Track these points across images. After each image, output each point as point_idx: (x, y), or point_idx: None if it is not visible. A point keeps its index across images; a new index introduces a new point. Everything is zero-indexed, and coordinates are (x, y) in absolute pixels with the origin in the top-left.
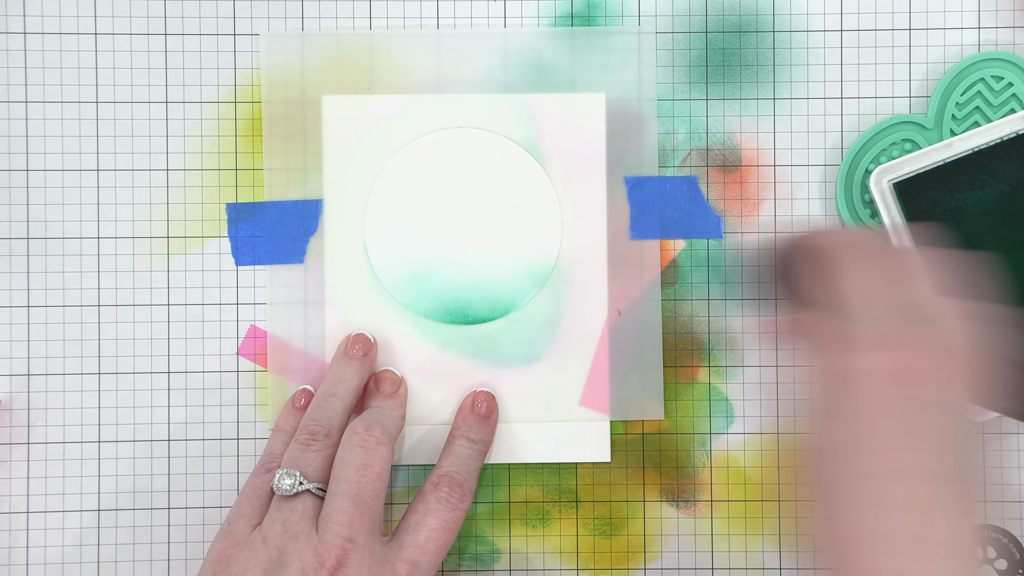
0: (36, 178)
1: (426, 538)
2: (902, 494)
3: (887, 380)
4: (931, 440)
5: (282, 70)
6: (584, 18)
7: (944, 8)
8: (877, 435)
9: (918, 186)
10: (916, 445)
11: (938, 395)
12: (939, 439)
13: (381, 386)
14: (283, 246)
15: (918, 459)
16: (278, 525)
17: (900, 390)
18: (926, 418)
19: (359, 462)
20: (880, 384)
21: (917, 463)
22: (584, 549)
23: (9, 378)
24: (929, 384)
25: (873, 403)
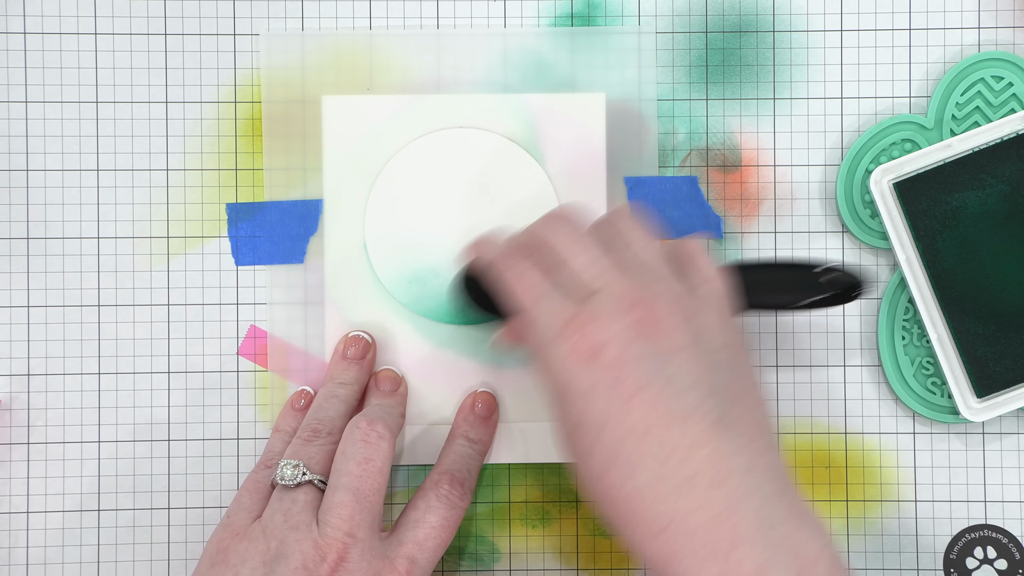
0: (36, 178)
1: (425, 535)
2: (657, 441)
3: (628, 339)
4: (678, 383)
5: (282, 70)
6: (584, 18)
7: (944, 8)
8: (625, 395)
9: (918, 186)
10: (663, 392)
11: (683, 334)
12: (689, 379)
13: (381, 384)
14: (283, 246)
15: (667, 404)
16: (279, 516)
17: (643, 345)
18: (673, 364)
19: (360, 456)
20: (622, 347)
21: (666, 408)
22: (584, 549)
23: (9, 378)
24: (670, 327)
25: (618, 365)
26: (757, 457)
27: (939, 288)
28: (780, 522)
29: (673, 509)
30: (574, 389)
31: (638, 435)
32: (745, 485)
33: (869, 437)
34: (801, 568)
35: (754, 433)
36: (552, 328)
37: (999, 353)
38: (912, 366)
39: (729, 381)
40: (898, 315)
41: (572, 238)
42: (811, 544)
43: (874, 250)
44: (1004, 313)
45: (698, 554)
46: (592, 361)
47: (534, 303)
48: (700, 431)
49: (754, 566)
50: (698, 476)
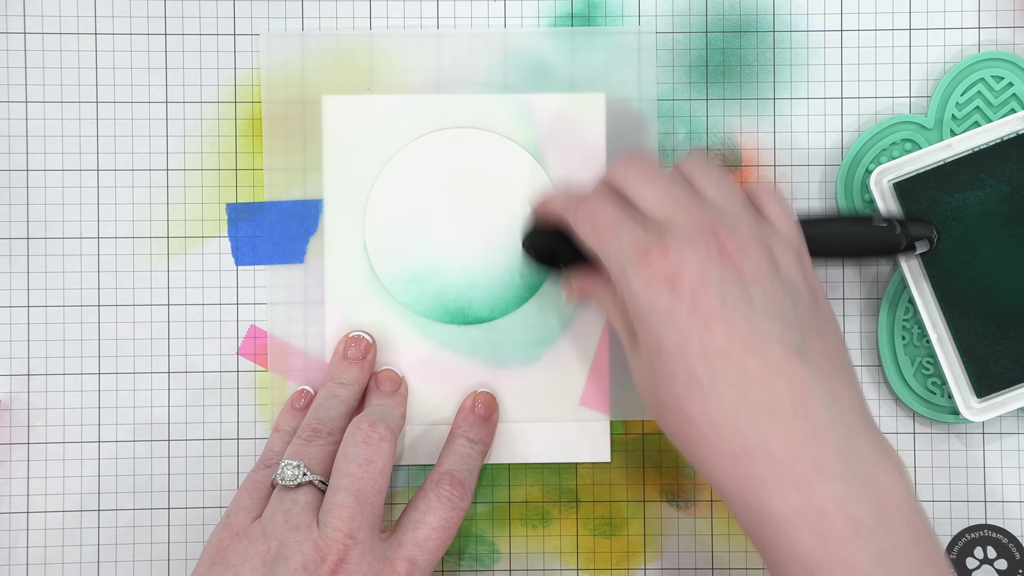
0: (36, 178)
1: (426, 536)
2: (739, 365)
3: (704, 264)
4: (759, 309)
5: (282, 70)
6: (584, 18)
7: (944, 8)
8: (706, 317)
9: (918, 186)
10: (740, 319)
11: (757, 266)
12: (769, 306)
13: (382, 385)
14: (283, 246)
15: (748, 328)
16: (279, 516)
17: (717, 271)
18: (747, 293)
19: (362, 457)
20: (699, 272)
21: (747, 332)
22: (584, 549)
23: (9, 378)
24: (745, 258)
25: (699, 289)
26: (839, 389)
27: (939, 288)
28: (862, 456)
29: (753, 436)
30: (655, 313)
31: (720, 357)
32: (828, 416)
33: None
34: (881, 505)
35: (835, 366)
36: (630, 256)
37: (999, 353)
38: (912, 366)
39: (808, 314)
40: (898, 315)
41: (649, 174)
42: (891, 482)
43: None
44: (1004, 313)
45: (779, 481)
46: (672, 285)
47: (611, 236)
48: (782, 358)
49: (835, 498)
50: (779, 404)
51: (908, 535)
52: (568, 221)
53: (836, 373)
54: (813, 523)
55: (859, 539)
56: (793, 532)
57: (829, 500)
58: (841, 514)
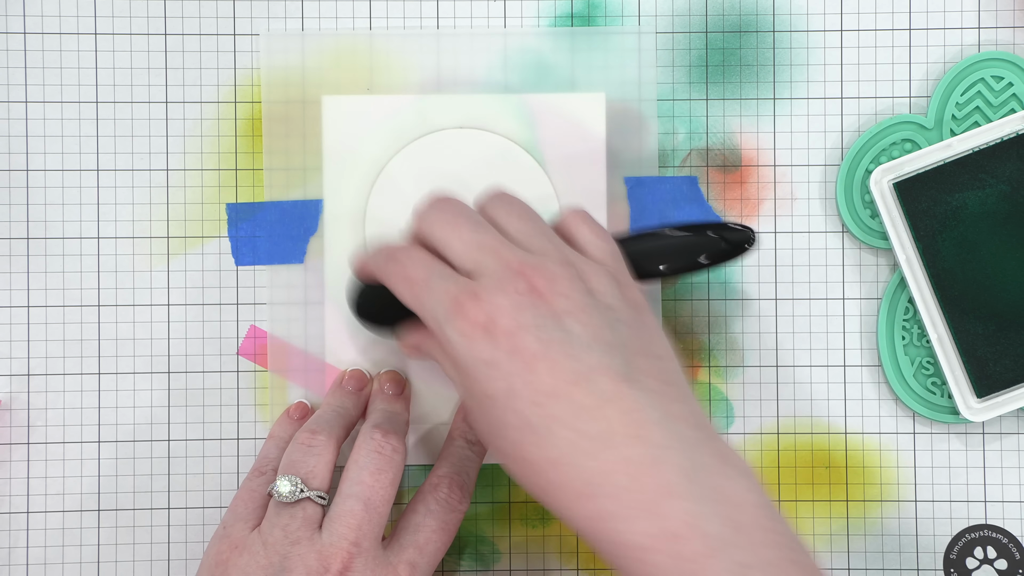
0: (36, 178)
1: (426, 539)
2: (566, 402)
3: (516, 309)
4: (577, 342)
5: (282, 70)
6: (584, 18)
7: (944, 8)
8: (526, 361)
9: (918, 186)
10: (561, 355)
11: (569, 300)
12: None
13: (385, 386)
14: (283, 246)
15: (570, 364)
16: (278, 531)
17: (530, 313)
18: (563, 329)
19: (374, 467)
20: (511, 317)
21: (569, 368)
22: (584, 549)
23: (9, 378)
24: (556, 294)
25: (514, 333)
26: (671, 406)
27: (939, 288)
28: (705, 469)
29: (596, 468)
30: (474, 364)
31: (547, 398)
32: (665, 436)
33: (869, 437)
34: (732, 514)
35: (664, 383)
36: (442, 309)
37: (999, 353)
38: (912, 366)
39: (630, 336)
40: (898, 315)
41: (449, 222)
42: (738, 488)
43: (874, 250)
44: (1004, 313)
45: (626, 512)
46: (487, 333)
47: (421, 290)
48: (609, 386)
49: (684, 518)
50: (614, 432)
51: (764, 541)
52: (384, 280)
53: (668, 390)
54: (667, 547)
55: (714, 555)
56: (649, 559)
57: (679, 521)
58: (693, 533)
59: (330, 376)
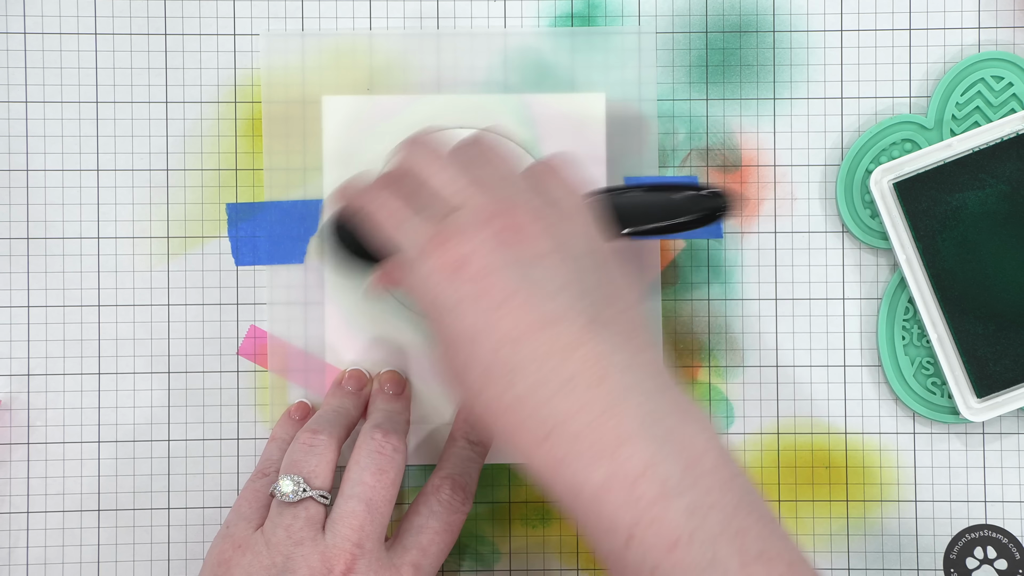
0: (36, 178)
1: (429, 541)
2: (531, 347)
3: (492, 247)
4: (546, 287)
5: (282, 70)
6: (584, 18)
7: (944, 8)
8: (493, 304)
9: (918, 186)
10: (532, 297)
11: (548, 240)
12: (556, 282)
13: (386, 386)
14: (283, 246)
15: (537, 309)
16: (280, 531)
17: (508, 252)
18: (540, 268)
19: (375, 467)
20: (487, 256)
21: (537, 313)
22: (584, 549)
23: (9, 378)
24: (534, 234)
25: (484, 275)
26: (635, 354)
27: (939, 288)
28: (664, 417)
29: (555, 413)
30: (442, 305)
31: (511, 342)
32: (625, 382)
33: (869, 437)
34: (689, 460)
35: (630, 332)
36: (416, 248)
37: (999, 353)
38: (912, 366)
39: (599, 284)
40: (898, 315)
41: (430, 160)
42: (697, 437)
43: (874, 250)
44: (1004, 313)
45: (584, 456)
46: (457, 274)
47: (396, 227)
48: (573, 332)
49: (642, 462)
50: (576, 377)
51: (716, 483)
52: (361, 216)
53: (632, 339)
54: (622, 490)
55: (668, 496)
56: (605, 502)
57: (635, 463)
58: (648, 474)
59: (330, 376)
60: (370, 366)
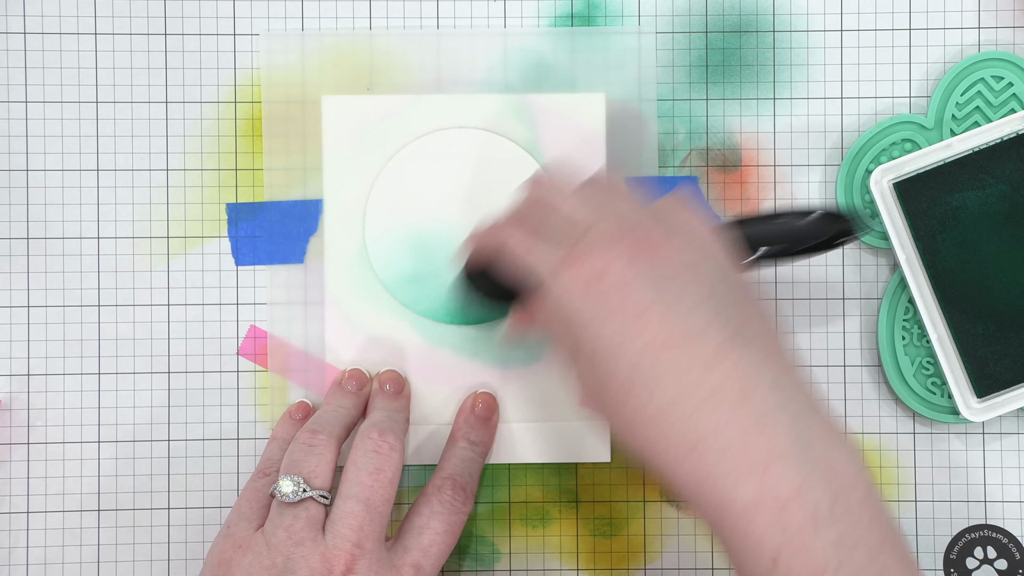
0: (36, 178)
1: (430, 541)
2: (672, 358)
3: (627, 261)
4: (683, 301)
5: (282, 70)
6: (584, 18)
7: (944, 8)
8: (631, 316)
9: (918, 186)
10: (673, 307)
11: (682, 258)
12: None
13: (385, 386)
14: (283, 246)
15: (676, 322)
16: (281, 531)
17: (643, 265)
18: (677, 283)
19: (372, 466)
20: (622, 269)
21: (676, 325)
22: (584, 549)
23: (9, 378)
24: (668, 251)
25: (619, 288)
26: (780, 373)
27: (939, 288)
28: (814, 440)
29: (702, 425)
30: (581, 319)
31: (654, 352)
32: (774, 399)
33: (869, 437)
34: (839, 489)
35: (772, 351)
36: (551, 266)
37: (999, 353)
38: (912, 366)
39: (735, 303)
40: (898, 315)
41: (555, 192)
42: (846, 465)
43: (874, 250)
44: (1004, 313)
45: (733, 471)
46: (594, 287)
47: (527, 254)
48: (718, 344)
49: (793, 484)
50: (721, 391)
51: (866, 517)
52: (495, 249)
53: (775, 357)
54: (771, 510)
55: (817, 524)
56: (751, 520)
57: (785, 485)
58: (798, 498)
59: (330, 376)
60: (370, 366)
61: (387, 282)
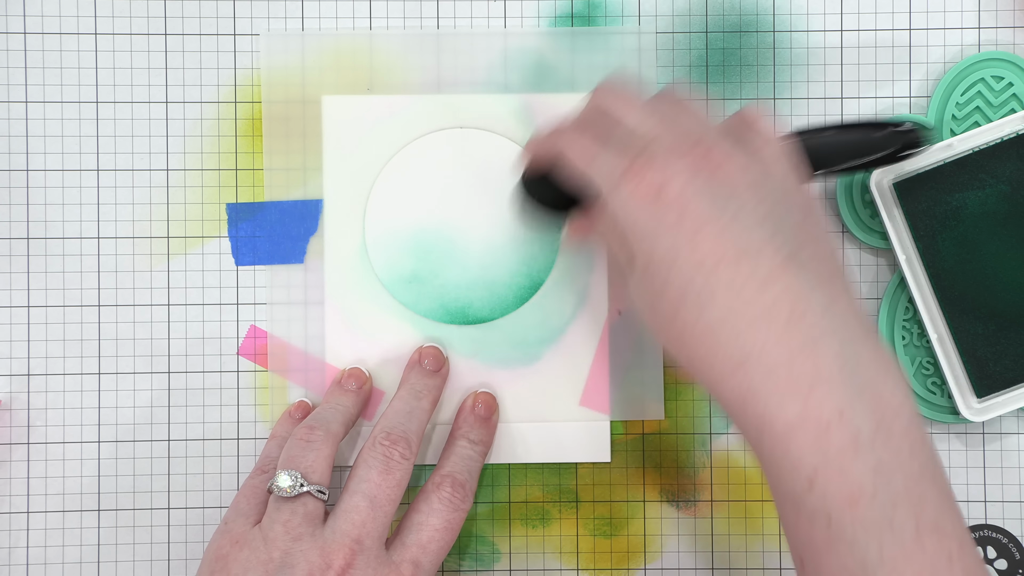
0: (36, 178)
1: (429, 538)
2: (728, 274)
3: (688, 177)
4: (743, 220)
5: (282, 70)
6: (584, 18)
7: (944, 8)
8: (690, 230)
9: (918, 186)
10: (730, 225)
11: (743, 177)
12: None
13: (424, 360)
14: (283, 246)
15: (734, 239)
16: (278, 527)
17: (703, 182)
18: (736, 202)
19: (382, 466)
20: (682, 184)
21: (734, 242)
22: (584, 549)
23: (9, 378)
24: (730, 169)
25: (680, 202)
26: (835, 298)
27: (939, 288)
28: (862, 366)
29: (750, 342)
30: (639, 230)
31: (708, 268)
32: (824, 323)
33: None
34: (882, 416)
35: (829, 275)
36: (612, 178)
37: (999, 353)
38: (912, 366)
39: (796, 225)
40: (898, 315)
41: (625, 99)
42: (893, 393)
43: (874, 250)
44: (1004, 313)
45: (777, 390)
46: (655, 200)
47: (589, 163)
48: (772, 265)
49: (835, 407)
50: (774, 310)
51: (906, 446)
52: (555, 156)
53: (832, 281)
54: (812, 431)
55: (857, 448)
56: (791, 440)
57: (828, 408)
58: (840, 422)
59: (330, 376)
60: (370, 366)
61: (387, 282)
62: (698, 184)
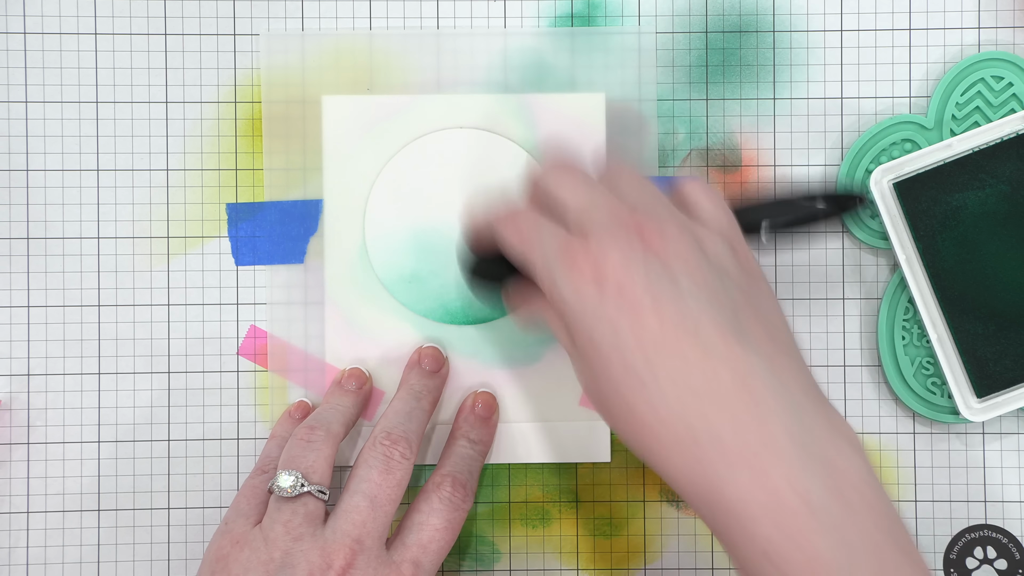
0: (36, 178)
1: (429, 538)
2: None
3: (623, 254)
4: (690, 294)
5: (282, 70)
6: (584, 18)
7: (944, 8)
8: (633, 307)
9: (918, 186)
10: (668, 302)
11: (677, 250)
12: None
13: (424, 361)
14: (283, 246)
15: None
16: (279, 527)
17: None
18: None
19: (382, 466)
20: (617, 263)
21: (680, 318)
22: (584, 549)
23: (9, 378)
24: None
25: (622, 278)
26: (783, 369)
27: (939, 288)
28: (814, 436)
29: (700, 419)
30: (582, 309)
31: (654, 346)
32: (773, 395)
33: (869, 437)
34: (837, 485)
35: (777, 346)
36: (553, 258)
37: (999, 353)
38: (912, 366)
39: (743, 299)
40: (898, 315)
41: (564, 180)
42: (847, 462)
43: (874, 250)
44: (1004, 313)
45: (729, 465)
46: (597, 281)
47: (534, 242)
48: (717, 340)
49: (788, 478)
50: (722, 385)
51: (867, 515)
52: (496, 235)
53: (779, 353)
54: (767, 506)
55: (815, 521)
56: (748, 516)
57: (782, 481)
58: (795, 495)
59: (330, 376)
60: (370, 366)
61: (387, 282)
62: (635, 267)
